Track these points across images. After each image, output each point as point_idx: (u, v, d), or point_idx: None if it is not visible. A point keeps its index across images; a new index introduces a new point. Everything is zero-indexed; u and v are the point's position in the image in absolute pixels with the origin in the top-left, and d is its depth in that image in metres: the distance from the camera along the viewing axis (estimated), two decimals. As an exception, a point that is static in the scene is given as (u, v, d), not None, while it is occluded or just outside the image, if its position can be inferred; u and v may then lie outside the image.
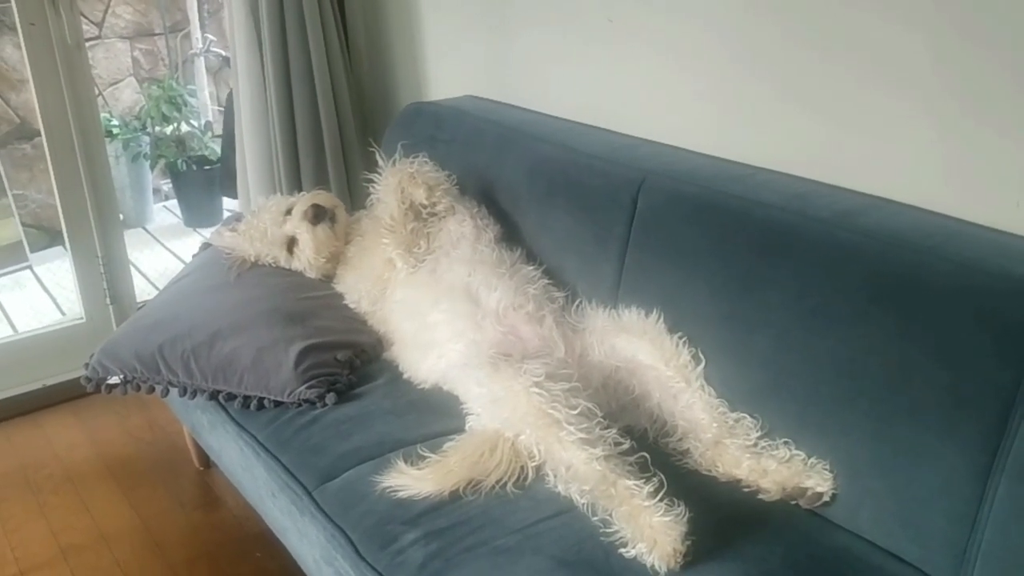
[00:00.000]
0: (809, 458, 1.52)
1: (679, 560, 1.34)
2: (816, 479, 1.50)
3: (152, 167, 4.60)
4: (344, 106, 2.83)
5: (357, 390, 1.92)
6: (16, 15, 2.64)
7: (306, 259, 2.19)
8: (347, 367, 1.96)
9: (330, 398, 1.87)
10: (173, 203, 4.74)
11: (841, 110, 1.70)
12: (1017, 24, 1.42)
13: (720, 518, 1.45)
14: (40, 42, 2.66)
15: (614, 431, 1.54)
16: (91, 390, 2.11)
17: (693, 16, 1.93)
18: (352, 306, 2.13)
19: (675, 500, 1.40)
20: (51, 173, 2.81)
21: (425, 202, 2.02)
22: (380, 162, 2.08)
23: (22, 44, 2.68)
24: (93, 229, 2.89)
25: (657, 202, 1.83)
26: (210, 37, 4.76)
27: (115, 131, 4.34)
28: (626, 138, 2.11)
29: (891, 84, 1.61)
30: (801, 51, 1.74)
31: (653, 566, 1.35)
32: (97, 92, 4.17)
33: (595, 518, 1.45)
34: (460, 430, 1.70)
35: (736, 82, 1.89)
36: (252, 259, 2.23)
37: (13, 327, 3.62)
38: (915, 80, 1.57)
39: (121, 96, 4.74)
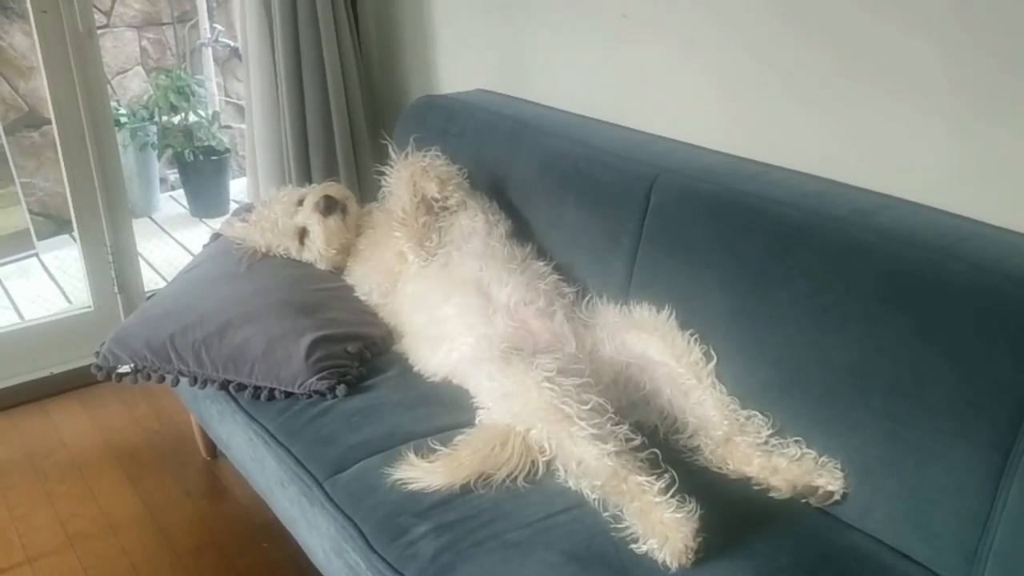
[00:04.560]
0: (820, 456, 1.52)
1: (690, 557, 1.34)
2: (827, 478, 1.50)
3: (159, 157, 4.60)
4: (355, 98, 2.83)
5: (367, 382, 1.92)
6: (28, 2, 2.64)
7: (317, 250, 2.19)
8: (357, 359, 1.96)
9: (340, 390, 1.87)
10: (179, 193, 4.74)
11: (855, 109, 1.70)
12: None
13: (731, 515, 1.45)
14: (52, 29, 2.66)
15: (625, 427, 1.54)
16: (101, 378, 2.11)
17: (708, 13, 1.93)
18: (363, 298, 2.13)
19: (686, 497, 1.40)
20: (61, 161, 2.82)
21: (437, 196, 2.02)
22: (392, 155, 2.08)
23: (33, 31, 2.68)
24: (102, 218, 2.89)
25: (670, 199, 1.83)
26: (218, 27, 4.77)
27: (123, 120, 4.34)
28: (639, 134, 2.10)
29: (906, 84, 1.61)
30: (816, 49, 1.74)
31: (664, 562, 1.35)
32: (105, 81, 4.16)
33: (606, 514, 1.45)
34: (470, 424, 1.70)
35: (751, 79, 1.88)
36: (263, 250, 2.23)
37: (20, 315, 3.62)
38: (930, 79, 1.57)
39: (129, 85, 4.74)
